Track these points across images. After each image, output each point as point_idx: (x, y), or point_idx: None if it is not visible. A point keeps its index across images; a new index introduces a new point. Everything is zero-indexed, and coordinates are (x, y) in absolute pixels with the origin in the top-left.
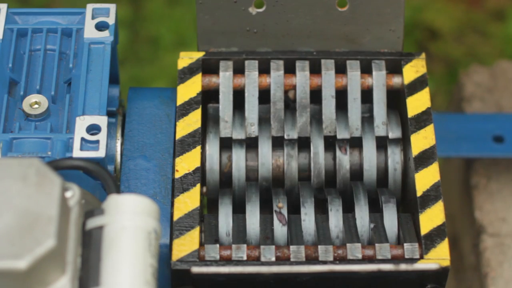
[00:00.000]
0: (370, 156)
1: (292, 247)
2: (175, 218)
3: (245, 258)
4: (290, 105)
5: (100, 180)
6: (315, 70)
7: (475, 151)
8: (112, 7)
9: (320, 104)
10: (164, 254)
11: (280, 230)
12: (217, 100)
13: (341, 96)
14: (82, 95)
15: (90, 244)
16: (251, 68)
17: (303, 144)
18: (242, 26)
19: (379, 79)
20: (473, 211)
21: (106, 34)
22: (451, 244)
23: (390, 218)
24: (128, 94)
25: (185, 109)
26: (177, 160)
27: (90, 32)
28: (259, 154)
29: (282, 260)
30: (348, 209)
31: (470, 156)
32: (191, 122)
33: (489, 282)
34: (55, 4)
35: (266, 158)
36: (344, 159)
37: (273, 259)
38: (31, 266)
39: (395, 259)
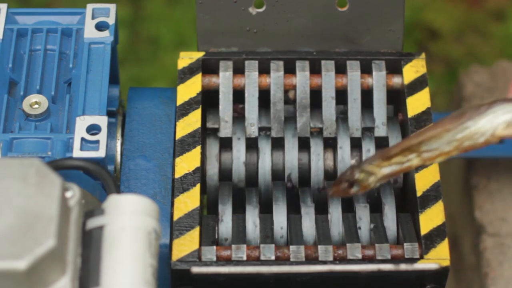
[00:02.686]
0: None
1: (292, 247)
2: (175, 218)
3: (245, 258)
4: (290, 104)
5: (100, 180)
6: (315, 70)
7: (475, 151)
8: (112, 7)
9: (320, 105)
10: (164, 254)
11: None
12: (216, 103)
13: (341, 96)
14: (82, 95)
15: (90, 244)
16: (251, 68)
17: (303, 144)
18: (242, 26)
19: (379, 80)
20: (473, 211)
21: (106, 34)
22: (451, 244)
23: (390, 218)
24: (128, 94)
25: (185, 109)
26: (177, 160)
27: (90, 32)
28: (259, 154)
29: (282, 260)
30: (348, 209)
31: (470, 156)
32: (191, 122)
33: (489, 282)
34: (55, 4)
35: (267, 159)
36: (344, 160)
37: (273, 258)
38: (31, 266)
39: (395, 259)
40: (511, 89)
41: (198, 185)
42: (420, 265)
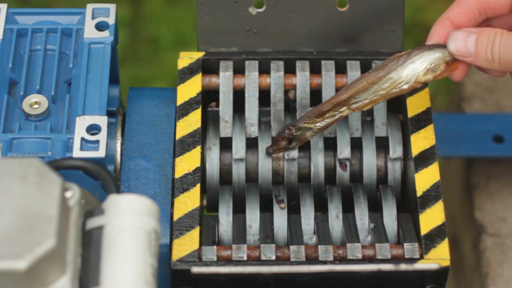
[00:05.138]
0: (370, 156)
1: (292, 247)
2: (175, 218)
3: (245, 258)
4: (290, 104)
5: (100, 180)
6: (315, 70)
7: (475, 151)
8: (112, 7)
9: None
10: (164, 254)
11: (280, 216)
12: (217, 101)
13: None
14: (82, 95)
15: (90, 244)
16: (251, 68)
17: (303, 144)
18: (242, 26)
19: None
20: (473, 211)
21: (106, 34)
22: (451, 244)
23: (390, 218)
24: (128, 94)
25: (185, 109)
26: (177, 160)
27: (90, 32)
28: (259, 154)
29: (282, 260)
30: (348, 209)
31: (470, 156)
32: (191, 122)
33: (489, 282)
34: (55, 4)
35: (266, 159)
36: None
37: (273, 257)
38: (31, 266)
39: (395, 259)
40: (429, 38)
41: (198, 185)
42: (420, 265)
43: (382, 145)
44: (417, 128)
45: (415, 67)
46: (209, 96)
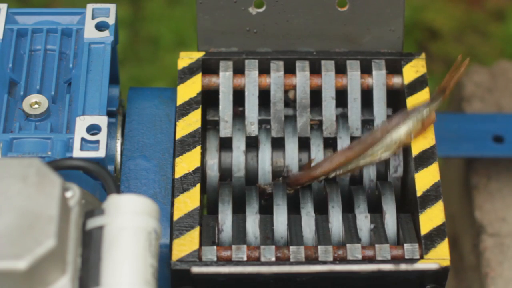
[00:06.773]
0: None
1: (292, 248)
2: (175, 218)
3: (245, 258)
4: (290, 105)
5: (100, 180)
6: (315, 70)
7: (475, 151)
8: (112, 7)
9: (320, 105)
10: (164, 254)
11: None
12: (216, 101)
13: (341, 96)
14: (82, 95)
15: (90, 244)
16: (251, 67)
17: (303, 144)
18: (242, 26)
19: (379, 79)
20: (473, 211)
21: (106, 34)
22: (451, 244)
23: (390, 219)
24: (128, 94)
25: (185, 109)
26: (177, 160)
27: (90, 32)
28: (260, 153)
29: (282, 260)
30: (348, 209)
31: (470, 156)
32: (191, 122)
33: (489, 282)
34: (55, 4)
35: (267, 158)
36: None
37: (273, 259)
38: (31, 266)
39: (395, 259)
40: None
41: (198, 185)
42: (420, 265)
43: None
44: None
45: (396, 137)
46: (209, 96)
